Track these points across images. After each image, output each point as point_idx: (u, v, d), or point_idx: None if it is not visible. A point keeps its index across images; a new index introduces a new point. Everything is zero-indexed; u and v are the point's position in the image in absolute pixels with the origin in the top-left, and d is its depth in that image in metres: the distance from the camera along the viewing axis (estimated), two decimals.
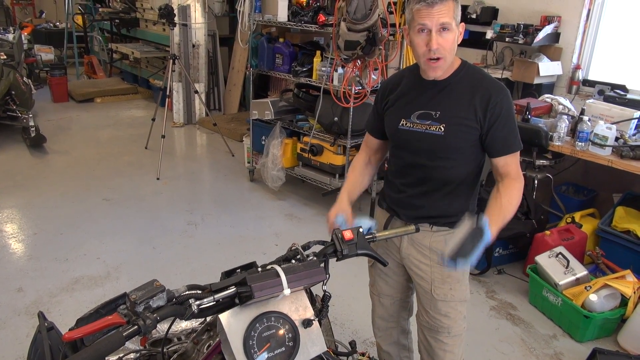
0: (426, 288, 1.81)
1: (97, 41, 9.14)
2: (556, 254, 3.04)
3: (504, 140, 1.62)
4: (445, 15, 1.49)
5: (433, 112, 1.65)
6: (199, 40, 6.55)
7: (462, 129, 1.61)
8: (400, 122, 1.71)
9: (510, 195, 1.59)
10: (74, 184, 4.62)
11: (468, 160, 1.68)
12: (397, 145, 1.77)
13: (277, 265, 1.09)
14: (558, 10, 4.01)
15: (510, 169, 1.64)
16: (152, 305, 0.97)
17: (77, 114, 6.97)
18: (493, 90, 1.61)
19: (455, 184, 1.70)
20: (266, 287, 1.02)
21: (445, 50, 1.54)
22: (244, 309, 1.08)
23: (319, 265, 1.12)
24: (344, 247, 1.18)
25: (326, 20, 3.77)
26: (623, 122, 3.35)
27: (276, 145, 4.31)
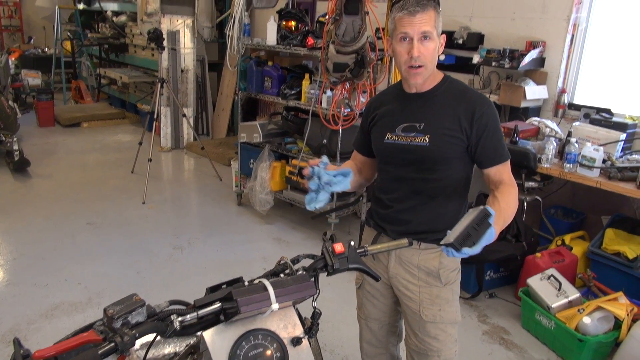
0: (414, 309, 1.75)
1: (86, 66, 9.13)
2: (548, 277, 3.00)
3: (494, 150, 1.61)
4: (427, 24, 1.52)
5: (417, 124, 1.64)
6: (188, 65, 6.57)
7: (447, 139, 1.61)
8: (386, 136, 1.70)
9: (508, 199, 1.57)
10: (57, 208, 4.52)
11: (454, 173, 1.67)
12: (384, 160, 1.76)
13: (264, 279, 1.04)
14: (542, 36, 4.08)
15: (504, 176, 1.63)
16: (131, 321, 0.91)
17: (63, 138, 6.89)
18: (477, 102, 1.61)
19: (442, 198, 1.68)
20: (253, 301, 0.97)
21: (427, 59, 1.56)
22: (230, 326, 1.02)
23: (309, 279, 1.07)
24: (335, 261, 1.13)
25: (315, 43, 3.79)
26: (610, 144, 3.38)
27: (264, 169, 4.27)
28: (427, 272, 1.73)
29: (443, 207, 1.69)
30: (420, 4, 1.51)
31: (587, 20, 3.95)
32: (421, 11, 1.50)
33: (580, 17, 3.94)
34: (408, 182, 1.69)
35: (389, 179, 1.75)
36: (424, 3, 1.51)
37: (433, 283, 1.73)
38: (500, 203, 1.56)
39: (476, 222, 1.32)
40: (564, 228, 3.80)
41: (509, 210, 1.56)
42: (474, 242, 1.31)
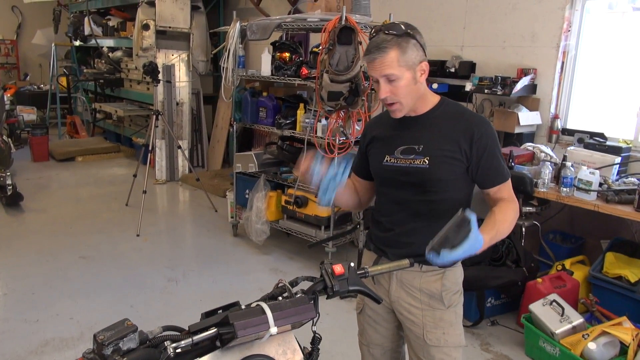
0: (418, 333, 1.70)
1: (81, 101, 9.18)
2: (550, 302, 2.95)
3: (494, 170, 1.61)
4: (387, 68, 1.52)
5: (416, 146, 1.64)
6: (183, 98, 6.61)
7: (446, 160, 1.60)
8: (385, 159, 1.69)
9: (505, 213, 1.55)
10: (50, 242, 4.45)
11: (454, 194, 1.65)
12: (383, 182, 1.74)
13: (262, 303, 1.00)
14: (533, 64, 4.14)
15: (504, 194, 1.62)
16: (122, 348, 0.87)
17: (57, 172, 6.85)
18: (475, 123, 1.61)
19: (443, 220, 1.65)
20: (250, 325, 0.92)
21: (398, 96, 1.56)
22: (226, 352, 0.98)
23: (308, 302, 1.03)
24: (335, 283, 1.09)
25: (309, 73, 3.83)
26: (605, 167, 3.38)
27: (260, 198, 4.24)
28: (430, 295, 1.69)
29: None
30: (379, 48, 1.51)
31: (576, 47, 4.02)
32: (379, 57, 1.51)
33: (569, 44, 4.01)
34: (408, 204, 1.67)
35: (388, 201, 1.73)
36: (383, 46, 1.51)
37: (436, 306, 1.69)
38: (495, 215, 1.55)
39: (454, 225, 1.31)
40: (564, 253, 3.76)
41: (504, 223, 1.54)
42: (453, 244, 1.29)
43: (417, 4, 4.82)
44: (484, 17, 4.39)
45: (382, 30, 1.55)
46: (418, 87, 1.59)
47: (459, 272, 1.75)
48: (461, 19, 4.54)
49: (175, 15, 6.29)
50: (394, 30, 1.53)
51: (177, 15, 6.30)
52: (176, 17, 6.30)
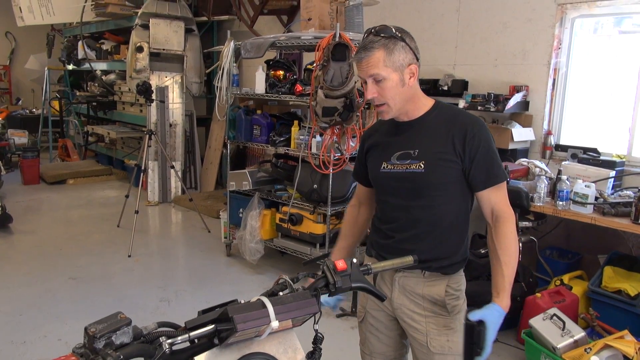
0: (422, 341, 1.66)
1: (73, 125, 9.15)
2: (550, 316, 2.90)
3: (487, 171, 1.57)
4: (374, 67, 1.52)
5: (412, 151, 1.62)
6: (176, 120, 6.60)
7: (442, 163, 1.58)
8: (382, 166, 1.68)
9: (506, 247, 1.56)
10: (39, 264, 4.35)
11: (452, 199, 1.62)
12: (381, 190, 1.72)
13: (262, 297, 0.95)
14: (525, 81, 4.18)
15: (499, 206, 1.59)
16: (115, 342, 0.82)
17: (48, 195, 6.77)
18: (469, 124, 1.59)
19: (443, 227, 1.63)
20: (250, 318, 0.88)
21: (385, 97, 1.56)
22: (225, 350, 0.93)
23: (310, 297, 0.98)
24: (337, 279, 1.05)
25: (303, 90, 3.83)
26: (600, 181, 3.38)
27: (254, 217, 4.19)
28: (433, 302, 1.65)
29: (445, 235, 1.64)
30: (366, 48, 1.53)
31: (566, 64, 4.07)
32: (366, 57, 1.52)
33: (560, 62, 4.06)
34: (408, 210, 1.64)
35: (388, 208, 1.70)
36: (370, 46, 1.52)
37: (439, 312, 1.65)
38: (501, 256, 1.57)
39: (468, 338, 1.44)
40: (561, 269, 3.73)
41: (511, 260, 1.57)
42: (480, 347, 1.43)
43: (409, 23, 4.89)
44: (475, 36, 4.46)
45: (372, 32, 1.56)
46: (406, 89, 1.58)
47: (462, 279, 1.72)
48: (453, 38, 4.60)
49: (170, 37, 6.33)
50: (383, 32, 1.54)
51: (171, 37, 6.34)
52: (170, 39, 6.34)
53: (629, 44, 3.83)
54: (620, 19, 3.94)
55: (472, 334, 1.42)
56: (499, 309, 1.49)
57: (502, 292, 1.53)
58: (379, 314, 1.77)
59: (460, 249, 1.67)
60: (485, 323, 1.45)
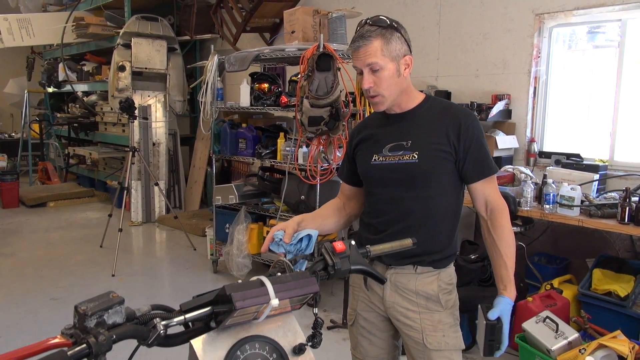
0: (417, 338, 1.62)
1: (54, 147, 9.01)
2: (543, 319, 2.88)
3: (480, 163, 1.58)
4: (371, 56, 1.52)
5: (404, 142, 1.61)
6: (160, 139, 6.55)
7: (436, 153, 1.57)
8: (373, 158, 1.66)
9: (505, 239, 1.58)
10: (18, 285, 4.22)
11: (445, 191, 1.61)
12: (372, 183, 1.68)
13: (261, 277, 0.92)
14: (506, 90, 4.25)
15: (492, 197, 1.60)
16: (107, 321, 0.77)
17: (27, 218, 6.61)
18: (462, 116, 1.60)
19: (435, 219, 1.62)
20: (249, 296, 0.84)
21: (380, 88, 1.55)
22: (222, 333, 0.89)
23: (310, 276, 0.95)
24: (336, 261, 1.02)
25: (288, 102, 3.83)
26: (585, 184, 3.42)
27: (241, 231, 4.14)
28: (427, 297, 1.62)
29: (437, 228, 1.62)
30: (363, 37, 1.53)
31: (546, 72, 4.15)
32: (364, 45, 1.52)
33: (540, 70, 4.14)
34: (399, 202, 1.62)
35: (378, 201, 1.67)
36: (368, 35, 1.52)
37: (434, 308, 1.62)
38: (501, 249, 1.58)
39: (489, 336, 1.50)
40: (550, 274, 3.73)
41: (510, 250, 1.59)
42: (498, 345, 1.51)
43: None
44: (457, 47, 4.53)
45: (368, 22, 1.56)
46: (401, 80, 1.58)
47: (452, 272, 1.70)
48: (434, 50, 4.68)
49: (152, 56, 6.32)
50: (379, 22, 1.54)
51: (154, 56, 6.33)
52: (152, 58, 6.32)
53: (603, 57, 3.94)
54: (594, 35, 4.06)
55: (493, 332, 1.48)
56: (509, 301, 1.54)
57: (508, 283, 1.56)
58: (370, 315, 1.73)
59: (451, 242, 1.65)
60: (501, 319, 1.50)
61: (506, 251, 1.57)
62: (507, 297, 1.53)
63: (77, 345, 0.73)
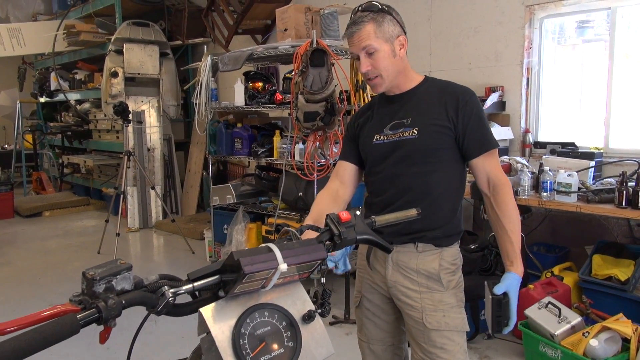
0: (417, 318, 1.62)
1: (48, 157, 8.97)
2: (545, 304, 2.88)
3: (481, 138, 1.60)
4: (365, 40, 1.56)
5: (404, 119, 1.64)
6: (154, 144, 6.53)
7: (436, 129, 1.59)
8: (374, 138, 1.68)
9: (509, 214, 1.57)
10: (16, 293, 4.18)
11: (445, 167, 1.62)
12: (374, 162, 1.70)
13: (268, 244, 0.91)
14: (500, 82, 4.26)
15: (494, 172, 1.60)
16: (116, 287, 0.77)
17: (23, 228, 6.56)
18: (460, 92, 1.62)
19: (435, 195, 1.62)
20: (258, 261, 0.84)
21: (378, 69, 1.59)
22: (231, 302, 0.88)
23: (317, 243, 0.95)
24: (342, 230, 1.01)
25: (283, 99, 3.83)
26: (581, 171, 3.43)
27: (239, 231, 4.12)
28: (427, 276, 1.62)
29: (438, 204, 1.63)
30: (356, 23, 1.57)
31: (539, 63, 4.17)
32: (357, 30, 1.56)
33: (532, 61, 4.16)
34: (400, 178, 1.63)
35: (380, 179, 1.69)
36: (360, 21, 1.56)
37: (434, 287, 1.62)
38: (505, 225, 1.57)
39: (496, 311, 1.47)
40: (550, 262, 3.74)
41: (516, 225, 1.58)
42: (506, 321, 1.48)
43: None
44: (448, 41, 4.55)
45: (359, 9, 1.60)
46: (397, 60, 1.61)
47: (456, 251, 1.70)
48: (427, 45, 4.70)
49: (144, 62, 6.31)
50: (370, 7, 1.59)
51: (146, 62, 6.32)
52: (145, 63, 6.32)
53: (593, 51, 3.97)
54: (583, 30, 4.09)
55: (500, 307, 1.47)
56: (517, 277, 1.52)
57: (515, 259, 1.55)
58: (375, 296, 1.73)
59: (452, 219, 1.65)
60: (508, 294, 1.48)
61: (511, 227, 1.56)
62: (514, 272, 1.52)
63: (86, 310, 0.72)
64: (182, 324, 3.48)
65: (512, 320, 1.49)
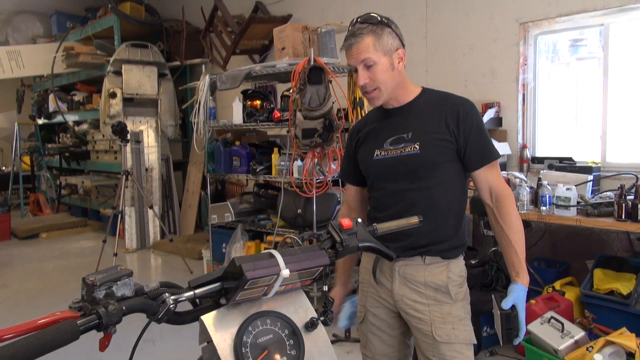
0: (426, 331, 1.59)
1: (45, 179, 8.95)
2: (548, 319, 2.85)
3: (482, 149, 1.59)
4: (364, 52, 1.55)
5: (405, 134, 1.62)
6: (152, 164, 6.53)
7: (437, 142, 1.58)
8: (375, 153, 1.67)
9: (512, 225, 1.57)
10: (12, 316, 4.12)
11: (448, 180, 1.62)
12: (376, 178, 1.69)
13: (270, 250, 0.90)
14: (496, 98, 4.30)
15: (496, 183, 1.59)
16: (116, 293, 0.76)
17: (20, 250, 6.51)
18: (460, 104, 1.62)
19: (440, 208, 1.61)
20: (260, 267, 0.83)
21: (377, 82, 1.58)
22: (233, 309, 0.87)
23: (319, 250, 0.94)
24: (344, 237, 1.00)
25: (281, 116, 3.85)
26: (580, 185, 3.43)
27: (238, 249, 4.10)
28: (435, 288, 1.60)
29: (443, 218, 1.62)
30: (354, 35, 1.56)
31: (534, 79, 4.21)
32: (356, 43, 1.56)
33: (528, 77, 4.21)
34: (404, 194, 1.62)
35: (383, 195, 1.67)
36: (359, 33, 1.56)
37: (443, 300, 1.60)
38: (510, 236, 1.56)
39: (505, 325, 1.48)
40: (551, 277, 3.71)
41: (520, 236, 1.57)
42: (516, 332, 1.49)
43: None
44: (444, 59, 4.60)
45: (358, 21, 1.59)
46: (396, 73, 1.60)
47: (462, 264, 1.68)
48: (423, 62, 4.75)
49: (143, 82, 6.36)
50: (369, 20, 1.58)
51: (145, 82, 6.36)
52: (143, 84, 6.36)
53: (587, 69, 4.01)
54: (576, 48, 4.15)
55: (509, 321, 1.48)
56: (523, 287, 1.52)
57: (520, 270, 1.54)
58: (380, 311, 1.71)
59: (458, 232, 1.64)
60: (516, 306, 1.49)
61: (515, 238, 1.56)
62: (520, 283, 1.51)
63: (87, 316, 0.70)
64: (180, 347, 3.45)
65: (521, 331, 1.49)
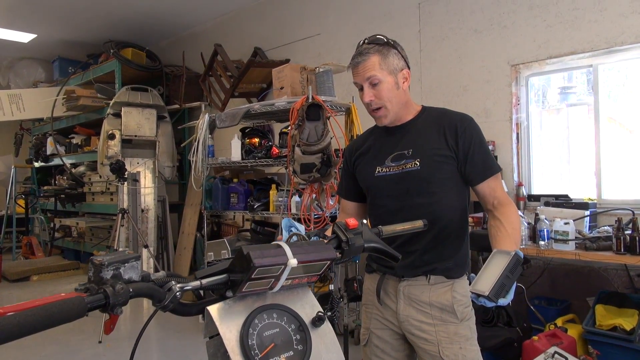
0: (433, 352, 1.56)
1: (39, 221, 8.87)
2: (552, 355, 2.80)
3: (483, 163, 1.61)
4: (369, 70, 1.60)
5: (406, 151, 1.65)
6: (149, 205, 6.51)
7: (437, 159, 1.60)
8: (376, 170, 1.68)
9: (510, 220, 1.54)
10: None
11: (449, 195, 1.63)
12: (377, 194, 1.70)
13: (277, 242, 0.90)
14: (490, 137, 4.36)
15: (498, 193, 1.60)
16: (123, 275, 0.74)
17: (9, 292, 6.37)
18: (458, 119, 1.65)
19: (442, 224, 1.61)
20: (267, 255, 0.82)
21: (382, 100, 1.62)
22: (238, 302, 0.86)
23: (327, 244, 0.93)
24: (350, 236, 1.00)
25: (280, 152, 3.89)
26: (577, 220, 3.45)
27: None
28: (441, 308, 1.58)
29: (446, 233, 1.62)
30: (362, 53, 1.62)
31: (527, 119, 4.31)
32: (362, 61, 1.61)
33: (521, 117, 4.30)
34: (406, 211, 1.62)
35: (385, 212, 1.67)
36: (366, 52, 1.61)
37: (449, 320, 1.57)
38: (506, 226, 1.53)
39: (510, 270, 1.32)
40: (552, 315, 3.66)
41: (515, 232, 1.54)
42: (507, 290, 1.32)
43: None
44: (439, 99, 4.71)
45: (366, 41, 1.64)
46: (401, 93, 1.64)
47: (466, 284, 1.67)
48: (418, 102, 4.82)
49: (142, 124, 6.44)
50: (376, 40, 1.64)
51: (143, 124, 6.44)
52: (142, 126, 6.44)
53: (577, 114, 4.13)
54: (566, 95, 4.28)
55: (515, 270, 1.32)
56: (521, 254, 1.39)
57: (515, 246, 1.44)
58: (385, 332, 1.68)
59: (460, 249, 1.64)
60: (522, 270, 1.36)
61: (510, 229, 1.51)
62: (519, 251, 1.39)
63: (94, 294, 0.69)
64: None
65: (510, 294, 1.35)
